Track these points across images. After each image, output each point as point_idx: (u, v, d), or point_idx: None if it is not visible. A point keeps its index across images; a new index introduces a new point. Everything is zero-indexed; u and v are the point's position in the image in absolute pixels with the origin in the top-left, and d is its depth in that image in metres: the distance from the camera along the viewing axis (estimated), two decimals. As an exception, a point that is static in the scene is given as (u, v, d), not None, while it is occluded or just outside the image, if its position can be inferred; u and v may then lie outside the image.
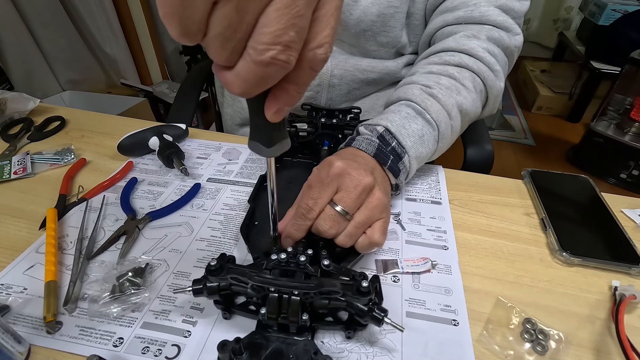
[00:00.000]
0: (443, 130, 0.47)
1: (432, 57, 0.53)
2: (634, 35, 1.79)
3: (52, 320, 0.32)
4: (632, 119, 1.64)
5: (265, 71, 0.19)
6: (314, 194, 0.35)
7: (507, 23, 0.52)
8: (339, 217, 0.35)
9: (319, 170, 0.37)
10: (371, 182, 0.36)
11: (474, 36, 0.51)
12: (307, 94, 0.61)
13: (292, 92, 0.22)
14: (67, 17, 1.55)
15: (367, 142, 0.42)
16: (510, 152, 2.02)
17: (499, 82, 0.53)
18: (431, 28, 0.56)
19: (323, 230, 0.35)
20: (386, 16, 0.54)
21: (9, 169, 0.51)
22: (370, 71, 0.59)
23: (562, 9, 2.84)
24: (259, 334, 0.31)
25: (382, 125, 0.44)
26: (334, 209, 0.35)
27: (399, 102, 0.48)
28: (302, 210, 0.35)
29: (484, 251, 0.42)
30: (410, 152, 0.44)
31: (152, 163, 0.54)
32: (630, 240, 0.42)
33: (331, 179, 0.36)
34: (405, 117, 0.45)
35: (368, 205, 0.36)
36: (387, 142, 0.43)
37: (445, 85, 0.48)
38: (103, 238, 0.42)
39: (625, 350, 0.31)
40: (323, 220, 0.35)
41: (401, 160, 0.44)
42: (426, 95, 0.47)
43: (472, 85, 0.50)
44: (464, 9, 0.52)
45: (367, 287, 0.29)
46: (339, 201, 0.35)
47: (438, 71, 0.50)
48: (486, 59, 0.51)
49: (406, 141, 0.44)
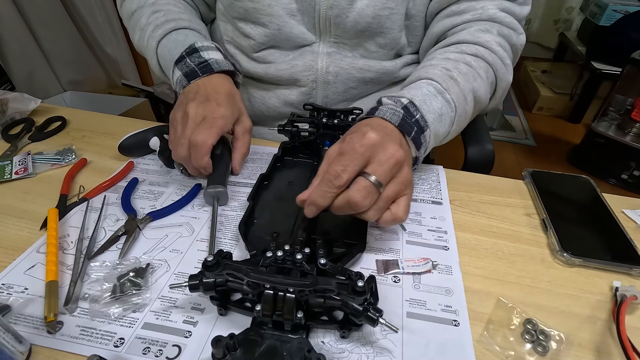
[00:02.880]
0: (459, 113, 0.47)
1: (449, 48, 0.53)
2: (635, 35, 1.79)
3: (52, 320, 0.32)
4: (633, 119, 1.63)
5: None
6: (345, 161, 0.34)
7: (513, 23, 0.54)
8: (373, 189, 0.34)
9: (351, 139, 0.36)
10: (403, 156, 0.36)
11: (487, 30, 0.52)
12: (303, 90, 0.61)
13: (243, 149, 0.31)
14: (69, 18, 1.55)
15: (392, 112, 0.41)
16: (511, 153, 2.02)
17: (509, 75, 0.54)
18: (437, 30, 0.56)
19: (356, 201, 0.34)
20: (382, 18, 0.54)
21: (10, 169, 0.51)
22: (367, 70, 0.59)
23: (563, 10, 2.84)
24: (254, 331, 0.30)
25: (407, 98, 0.44)
26: (369, 179, 0.34)
27: (419, 80, 0.48)
28: (330, 176, 0.34)
29: (484, 251, 0.42)
30: (432, 127, 0.44)
31: (153, 163, 0.54)
32: (631, 240, 0.42)
33: (365, 149, 0.35)
34: (426, 93, 0.45)
35: (397, 180, 0.36)
36: (411, 114, 0.43)
37: (463, 71, 0.49)
38: (104, 238, 0.42)
39: (626, 351, 0.31)
40: (357, 191, 0.34)
41: (423, 134, 0.43)
42: (446, 77, 0.47)
43: (486, 76, 0.51)
44: (471, 12, 0.53)
45: (362, 286, 0.29)
46: (373, 172, 0.34)
47: (455, 58, 0.50)
48: (499, 52, 0.52)
49: (428, 116, 0.44)
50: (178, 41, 0.54)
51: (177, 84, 0.52)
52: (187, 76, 0.50)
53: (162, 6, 0.58)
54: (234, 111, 0.48)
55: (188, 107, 0.46)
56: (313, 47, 0.58)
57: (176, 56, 0.52)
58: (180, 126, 0.46)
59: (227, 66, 0.52)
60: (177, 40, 0.54)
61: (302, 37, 0.57)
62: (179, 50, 0.52)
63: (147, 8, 0.58)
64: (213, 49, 0.53)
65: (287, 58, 0.60)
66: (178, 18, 0.56)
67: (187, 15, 0.58)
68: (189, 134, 0.45)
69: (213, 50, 0.53)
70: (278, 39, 0.57)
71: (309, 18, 0.56)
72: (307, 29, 0.57)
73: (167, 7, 0.58)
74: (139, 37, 0.59)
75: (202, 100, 0.47)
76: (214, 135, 0.45)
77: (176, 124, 0.47)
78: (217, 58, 0.52)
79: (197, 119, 0.46)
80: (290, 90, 0.62)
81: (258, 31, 0.57)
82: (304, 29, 0.57)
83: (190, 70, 0.50)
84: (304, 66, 0.59)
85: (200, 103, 0.46)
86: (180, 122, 0.46)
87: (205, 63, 0.50)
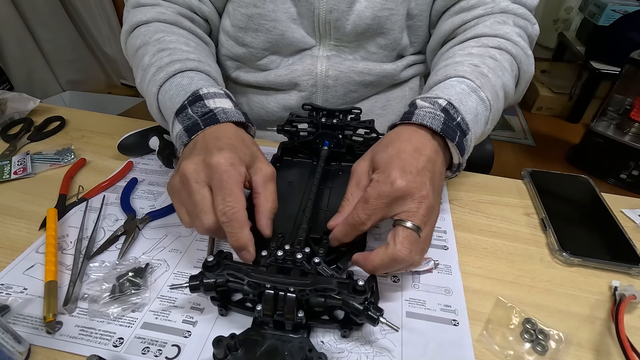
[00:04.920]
0: (493, 111, 0.44)
1: (468, 42, 0.50)
2: (634, 35, 1.79)
3: (52, 320, 0.32)
4: (632, 119, 1.64)
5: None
6: (369, 210, 0.33)
7: (527, 14, 0.52)
8: (414, 236, 0.32)
9: (378, 185, 0.34)
10: (432, 197, 0.34)
11: (504, 22, 0.50)
12: (303, 94, 0.61)
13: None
14: (67, 18, 1.55)
15: (432, 116, 0.37)
16: (510, 153, 2.02)
17: (532, 67, 0.52)
18: (446, 28, 0.54)
19: (403, 257, 0.32)
20: (381, 19, 0.54)
21: (9, 169, 0.51)
22: (367, 73, 0.59)
23: (562, 10, 2.84)
24: (255, 331, 0.30)
25: (444, 98, 0.40)
26: (404, 225, 0.32)
27: (448, 79, 0.44)
28: (354, 222, 0.34)
29: (484, 251, 0.42)
30: (472, 129, 0.40)
31: (152, 163, 0.54)
32: (630, 240, 0.42)
33: (391, 200, 0.33)
34: (461, 92, 0.41)
35: (430, 218, 0.34)
36: (451, 117, 0.39)
37: (491, 66, 0.46)
38: (103, 238, 0.42)
39: (625, 350, 0.31)
40: (401, 245, 0.32)
41: (465, 137, 0.39)
42: (478, 73, 0.44)
43: (511, 69, 0.48)
44: (483, 6, 0.51)
45: (363, 286, 0.29)
46: (408, 218, 0.33)
47: (480, 53, 0.47)
48: (520, 43, 0.49)
49: (467, 117, 0.40)
50: (181, 86, 0.44)
51: (177, 140, 0.40)
52: (187, 131, 0.39)
53: (169, 44, 0.49)
54: (244, 155, 0.37)
55: (183, 167, 0.35)
56: (313, 50, 0.58)
57: (177, 105, 0.42)
58: (183, 193, 0.36)
59: (236, 116, 0.41)
60: (180, 85, 0.44)
61: (302, 41, 0.57)
62: (181, 98, 0.42)
63: (152, 46, 0.49)
64: (222, 95, 0.43)
65: (287, 63, 0.60)
66: (185, 58, 0.47)
67: (197, 55, 0.49)
68: (199, 200, 0.34)
69: (221, 97, 0.43)
70: (280, 45, 0.57)
71: (309, 22, 0.55)
72: (307, 32, 0.57)
73: (175, 44, 0.49)
74: (140, 78, 0.50)
75: (198, 152, 0.36)
76: (235, 194, 0.34)
77: (177, 195, 0.36)
78: (225, 107, 0.41)
79: (199, 177, 0.35)
80: (290, 95, 0.61)
81: (259, 39, 0.56)
82: (304, 32, 0.57)
83: (191, 124, 0.39)
84: (303, 70, 0.58)
85: (196, 156, 0.36)
86: (181, 190, 0.36)
87: (210, 113, 0.40)
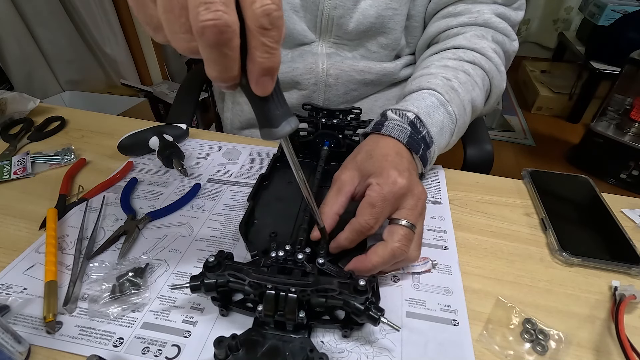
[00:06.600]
0: (459, 125, 0.47)
1: (445, 53, 0.53)
2: (634, 35, 1.80)
3: (52, 320, 0.32)
4: (631, 119, 1.64)
5: (207, 38, 0.20)
6: (376, 214, 0.34)
7: (507, 30, 0.54)
8: (410, 234, 0.35)
9: (381, 187, 0.35)
10: (425, 192, 0.37)
11: (482, 36, 0.52)
12: (304, 92, 0.61)
13: (258, 58, 0.22)
14: (67, 18, 1.55)
15: (399, 129, 0.41)
16: (510, 153, 2.02)
17: (503, 82, 0.54)
18: (433, 31, 0.56)
19: (402, 252, 0.34)
20: (385, 18, 0.54)
21: (9, 169, 0.51)
22: (368, 72, 0.59)
23: (562, 10, 2.84)
24: (256, 331, 0.31)
25: (412, 112, 0.43)
26: (400, 224, 0.35)
27: (421, 90, 0.47)
28: (361, 227, 0.35)
29: (484, 251, 0.42)
30: (436, 141, 0.44)
31: (152, 163, 0.54)
32: (630, 240, 0.42)
33: (395, 199, 0.35)
34: (429, 105, 0.45)
35: (423, 215, 0.37)
36: (418, 130, 0.42)
37: (462, 81, 0.48)
38: (103, 238, 0.42)
39: (625, 350, 0.31)
40: (400, 242, 0.34)
41: (429, 150, 0.43)
42: (448, 88, 0.47)
43: (482, 84, 0.51)
44: (467, 15, 0.54)
45: (364, 286, 0.29)
46: (405, 217, 0.35)
47: (454, 66, 0.50)
48: (495, 59, 0.52)
49: (432, 130, 0.43)
50: None
51: None
52: None
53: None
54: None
55: None
56: (312, 46, 0.58)
57: None
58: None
59: None
60: None
61: (302, 35, 0.57)
62: None
63: None
64: None
65: (287, 58, 0.60)
66: None
67: None
68: None
69: None
70: None
71: (312, 16, 0.55)
72: (308, 27, 0.57)
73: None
74: None
75: None
76: None
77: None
78: None
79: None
80: (291, 94, 0.62)
81: None
82: (305, 26, 0.57)
83: None
84: (304, 69, 0.58)
85: None
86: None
87: None
